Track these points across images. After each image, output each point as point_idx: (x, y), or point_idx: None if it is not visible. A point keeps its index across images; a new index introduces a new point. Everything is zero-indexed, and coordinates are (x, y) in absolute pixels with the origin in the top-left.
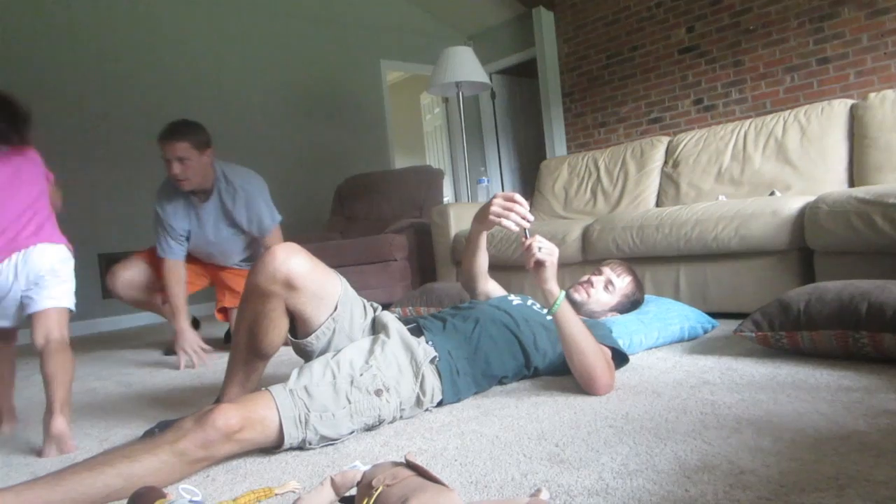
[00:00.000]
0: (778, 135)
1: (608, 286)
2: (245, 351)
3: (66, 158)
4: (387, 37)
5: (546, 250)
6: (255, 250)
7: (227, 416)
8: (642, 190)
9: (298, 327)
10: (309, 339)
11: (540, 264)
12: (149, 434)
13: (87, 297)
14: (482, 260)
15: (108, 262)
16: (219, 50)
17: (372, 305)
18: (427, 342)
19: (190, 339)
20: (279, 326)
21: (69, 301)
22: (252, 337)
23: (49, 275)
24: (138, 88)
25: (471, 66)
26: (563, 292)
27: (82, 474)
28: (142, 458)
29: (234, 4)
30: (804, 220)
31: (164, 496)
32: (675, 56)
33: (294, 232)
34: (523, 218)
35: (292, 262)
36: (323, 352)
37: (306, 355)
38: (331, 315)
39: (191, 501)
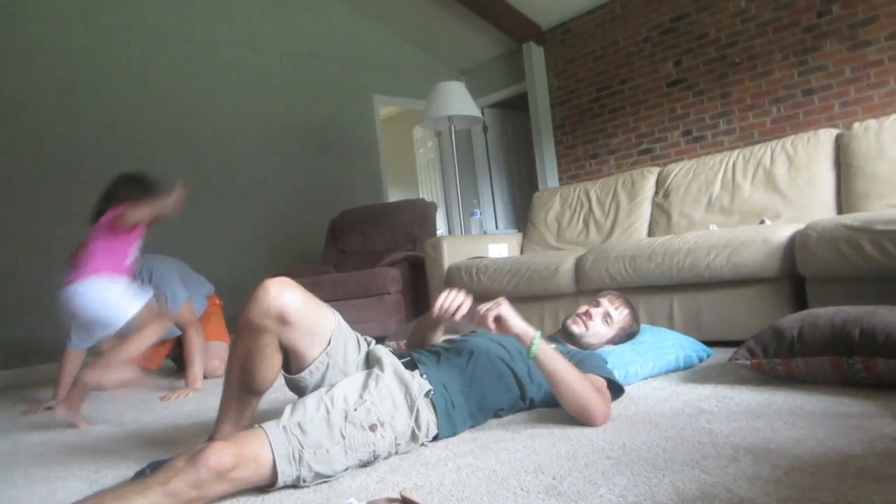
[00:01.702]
0: (766, 164)
1: (606, 319)
2: (238, 387)
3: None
4: (379, 72)
5: (490, 305)
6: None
7: (220, 455)
8: (634, 220)
9: (292, 362)
10: (303, 374)
11: (498, 318)
12: (139, 475)
13: None
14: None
15: None
16: (212, 86)
17: (366, 339)
18: (422, 376)
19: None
20: (272, 362)
21: None
22: (245, 373)
23: None
24: (129, 125)
25: (462, 100)
26: (538, 332)
27: None
28: (132, 500)
29: (227, 40)
30: (794, 247)
31: None
32: (664, 89)
33: (287, 266)
34: (460, 304)
35: (285, 296)
36: (317, 387)
37: (300, 391)
38: (324, 350)
39: None
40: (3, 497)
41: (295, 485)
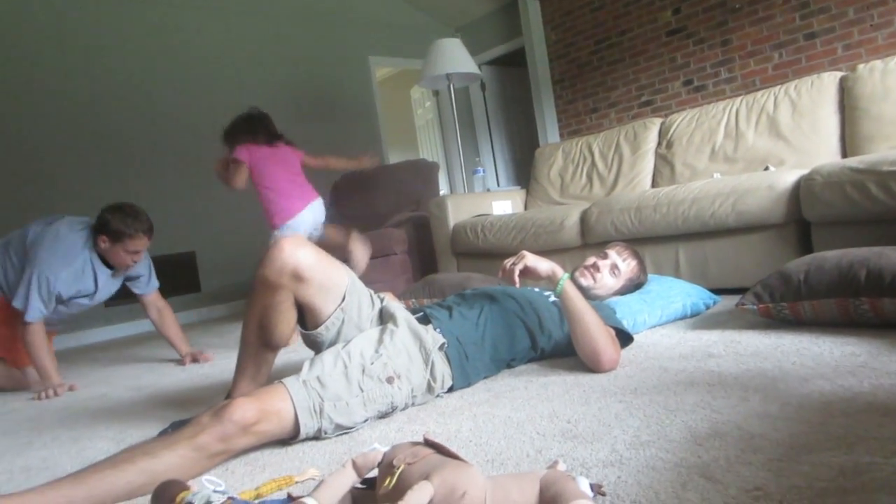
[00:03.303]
0: (769, 110)
1: (614, 270)
2: (255, 344)
3: (66, 169)
4: (374, 32)
5: (514, 259)
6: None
7: (244, 410)
8: (637, 172)
9: (308, 319)
10: (319, 329)
11: (525, 269)
12: (163, 434)
13: None
14: None
15: None
16: (206, 54)
17: (378, 296)
18: (435, 329)
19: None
20: (288, 318)
21: None
22: (262, 329)
23: None
24: (128, 95)
25: (460, 57)
26: (567, 274)
27: (104, 472)
28: (162, 454)
29: (220, 8)
30: (800, 192)
31: (187, 489)
32: (663, 38)
33: None
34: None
35: (300, 253)
36: (333, 342)
37: (317, 346)
38: (339, 306)
39: (214, 492)
40: (37, 457)
41: (317, 436)
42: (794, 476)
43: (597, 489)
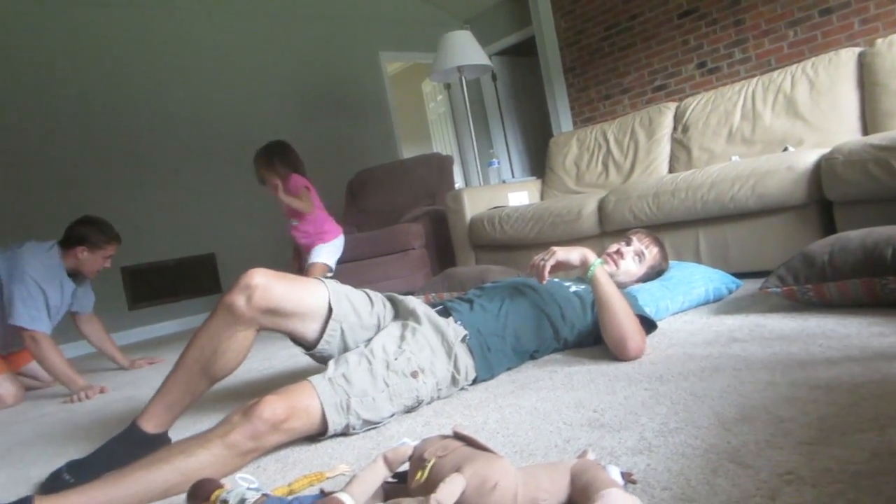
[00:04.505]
0: (787, 90)
1: (638, 257)
2: (194, 370)
3: (83, 177)
4: (383, 28)
5: (543, 255)
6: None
7: (273, 408)
8: (654, 158)
9: (301, 342)
10: (320, 346)
11: (557, 264)
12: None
13: (114, 309)
14: None
15: (132, 274)
16: (219, 58)
17: (379, 294)
18: (456, 322)
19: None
20: (242, 352)
21: None
22: (211, 355)
23: None
24: (144, 101)
25: (471, 49)
26: (599, 260)
27: (141, 472)
28: (196, 453)
29: (231, 11)
30: (820, 172)
31: (221, 487)
32: (675, 21)
33: None
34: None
35: (275, 289)
36: (341, 351)
37: (326, 360)
38: (329, 318)
39: (248, 489)
40: (86, 449)
41: (345, 433)
42: (826, 459)
43: (627, 477)
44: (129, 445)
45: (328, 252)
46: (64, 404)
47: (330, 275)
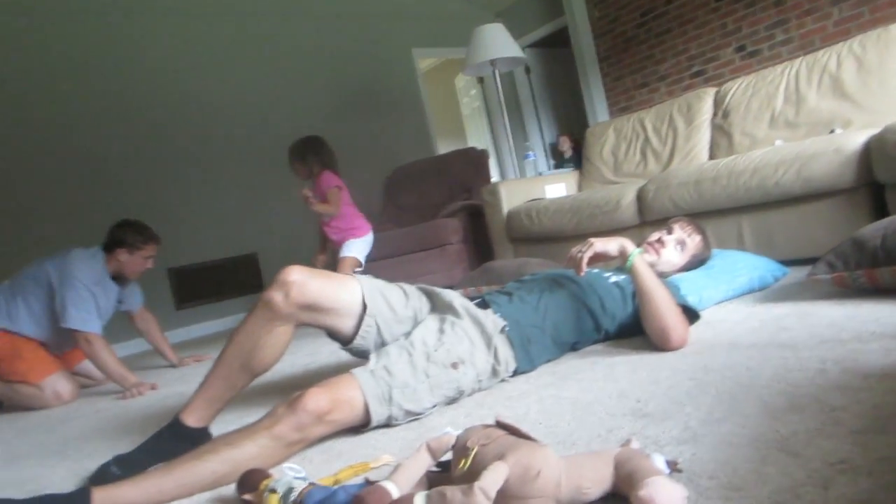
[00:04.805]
0: (832, 70)
1: (681, 246)
2: (234, 365)
3: (129, 182)
4: (415, 25)
5: (580, 247)
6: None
7: (317, 400)
8: (693, 145)
9: (338, 337)
10: (356, 341)
11: (595, 255)
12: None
13: (160, 309)
14: None
15: (177, 275)
16: (254, 59)
17: (418, 287)
18: (494, 314)
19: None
20: (281, 347)
21: None
22: (251, 351)
23: None
24: (184, 105)
25: (503, 42)
26: (639, 249)
27: (191, 463)
28: (243, 445)
29: (265, 13)
30: (870, 153)
31: (269, 476)
32: (712, 4)
33: None
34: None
35: (311, 284)
36: (378, 346)
37: (363, 354)
38: (364, 313)
39: (295, 478)
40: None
41: (388, 424)
42: (881, 447)
43: (672, 466)
44: (172, 439)
45: (359, 247)
46: (117, 401)
47: (360, 269)
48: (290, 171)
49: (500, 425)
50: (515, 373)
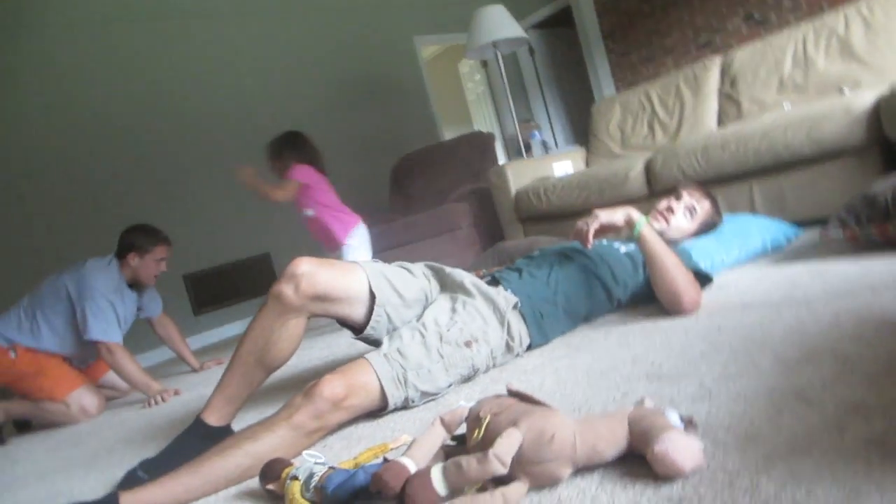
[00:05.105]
0: (840, 32)
1: (690, 212)
2: (250, 362)
3: (138, 186)
4: (416, 12)
5: (585, 220)
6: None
7: (333, 386)
8: (701, 114)
9: (349, 326)
10: (367, 330)
11: (601, 227)
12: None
13: (179, 317)
14: None
15: (193, 281)
16: (255, 55)
17: (424, 264)
18: (506, 290)
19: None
20: (295, 340)
21: None
22: (265, 346)
23: None
24: (188, 108)
25: (505, 22)
26: (645, 217)
27: (214, 460)
28: (263, 437)
29: (265, 3)
30: (880, 112)
31: (290, 465)
32: None
33: None
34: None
35: (321, 275)
36: (390, 331)
37: (375, 342)
38: (372, 302)
39: (315, 464)
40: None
41: (405, 406)
42: (895, 390)
43: (687, 421)
44: (195, 439)
45: (356, 248)
46: (142, 409)
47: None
48: None
49: (512, 393)
50: (530, 347)
